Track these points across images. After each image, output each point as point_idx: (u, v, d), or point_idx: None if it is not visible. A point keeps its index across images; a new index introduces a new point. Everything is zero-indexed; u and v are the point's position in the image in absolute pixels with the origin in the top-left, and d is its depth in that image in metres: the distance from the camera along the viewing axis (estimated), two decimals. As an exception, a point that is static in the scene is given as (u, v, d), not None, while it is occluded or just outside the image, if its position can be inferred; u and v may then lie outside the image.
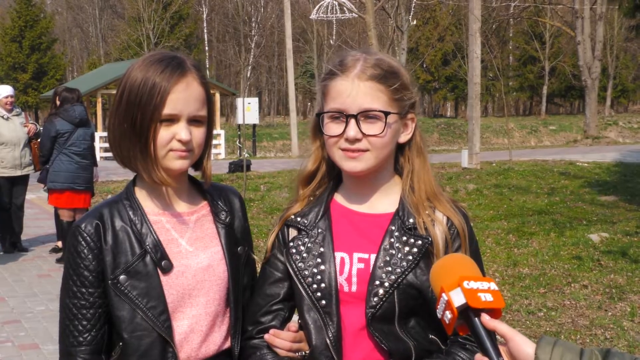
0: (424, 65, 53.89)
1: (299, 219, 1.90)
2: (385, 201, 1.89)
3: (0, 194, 8.92)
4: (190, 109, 1.80)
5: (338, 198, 1.93)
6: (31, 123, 9.24)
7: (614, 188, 14.14)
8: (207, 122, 1.88)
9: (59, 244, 9.11)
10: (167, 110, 1.78)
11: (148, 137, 1.79)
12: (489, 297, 1.44)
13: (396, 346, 1.77)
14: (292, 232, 1.90)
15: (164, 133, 1.79)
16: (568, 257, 8.39)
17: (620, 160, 20.81)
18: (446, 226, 1.83)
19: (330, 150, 1.84)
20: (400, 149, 1.89)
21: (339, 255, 1.83)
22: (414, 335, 1.78)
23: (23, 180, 9.21)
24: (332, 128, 1.81)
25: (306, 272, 1.83)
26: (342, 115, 1.79)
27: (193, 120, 1.82)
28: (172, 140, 1.80)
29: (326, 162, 1.93)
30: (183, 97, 1.79)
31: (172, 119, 1.79)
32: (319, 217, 1.89)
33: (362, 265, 1.81)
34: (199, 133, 1.84)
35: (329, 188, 1.94)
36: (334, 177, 1.95)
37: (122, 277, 1.81)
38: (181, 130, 1.79)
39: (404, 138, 1.87)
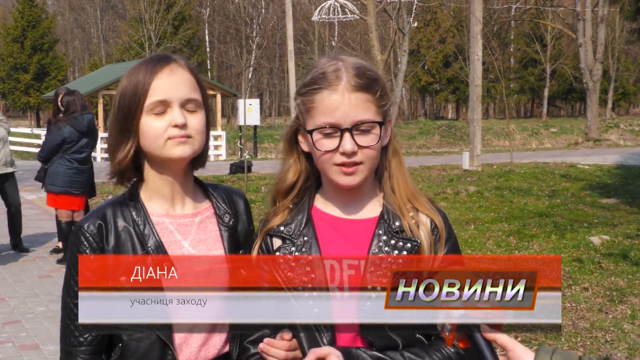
0: (425, 67, 53.87)
1: (282, 228, 1.89)
2: (367, 206, 1.89)
3: None
4: (180, 93, 1.78)
5: (319, 205, 1.92)
6: None
7: (615, 191, 14.13)
8: (204, 109, 1.85)
9: (60, 244, 9.11)
10: (155, 97, 1.76)
11: (132, 130, 1.78)
12: None
13: (387, 347, 1.78)
14: (277, 242, 1.89)
15: (157, 123, 1.77)
16: (569, 259, 8.39)
17: (621, 162, 20.79)
18: (430, 228, 1.83)
19: (324, 166, 1.82)
20: None
21: (328, 262, 1.82)
22: (402, 335, 1.79)
23: (11, 178, 9.15)
24: (326, 144, 1.78)
25: (296, 281, 1.81)
26: (336, 130, 1.76)
27: (187, 106, 1.79)
28: (168, 127, 1.77)
29: (305, 172, 1.92)
30: (169, 82, 1.78)
31: (164, 107, 1.77)
32: (303, 225, 1.87)
33: (352, 272, 1.80)
34: (195, 119, 1.81)
35: (308, 195, 1.93)
36: (313, 184, 1.94)
37: (123, 278, 1.80)
38: (175, 115, 1.77)
39: (384, 142, 1.87)
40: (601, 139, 32.89)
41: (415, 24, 40.54)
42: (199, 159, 1.90)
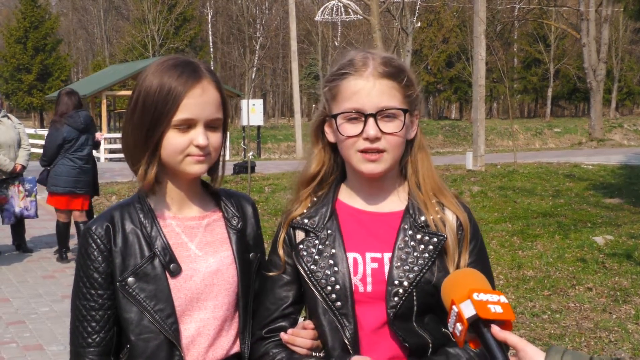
0: (428, 67, 53.85)
1: (305, 220, 1.89)
2: (392, 199, 1.89)
3: None
4: (206, 114, 1.81)
5: (343, 198, 1.92)
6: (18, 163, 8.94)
7: (618, 191, 14.11)
8: (222, 126, 1.88)
9: (63, 244, 9.11)
10: (183, 115, 1.78)
11: (157, 142, 1.80)
12: (498, 309, 1.45)
13: (416, 342, 1.78)
14: (300, 234, 1.89)
15: (180, 139, 1.80)
16: (572, 259, 8.38)
17: (625, 162, 20.75)
18: (455, 224, 1.84)
19: (347, 153, 1.82)
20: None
21: (351, 255, 1.82)
22: (430, 330, 1.79)
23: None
24: (349, 128, 1.79)
25: (319, 274, 1.82)
26: (360, 115, 1.77)
27: (210, 125, 1.82)
28: (189, 145, 1.80)
29: (329, 163, 1.93)
30: (200, 102, 1.80)
31: (189, 124, 1.79)
32: (327, 218, 1.87)
33: (375, 265, 1.81)
34: (215, 137, 1.84)
35: (332, 188, 1.93)
36: (337, 177, 1.95)
37: (130, 279, 1.82)
38: (198, 136, 1.79)
39: (410, 135, 1.87)
40: (605, 139, 32.83)
41: (419, 24, 40.59)
42: (211, 170, 1.93)
